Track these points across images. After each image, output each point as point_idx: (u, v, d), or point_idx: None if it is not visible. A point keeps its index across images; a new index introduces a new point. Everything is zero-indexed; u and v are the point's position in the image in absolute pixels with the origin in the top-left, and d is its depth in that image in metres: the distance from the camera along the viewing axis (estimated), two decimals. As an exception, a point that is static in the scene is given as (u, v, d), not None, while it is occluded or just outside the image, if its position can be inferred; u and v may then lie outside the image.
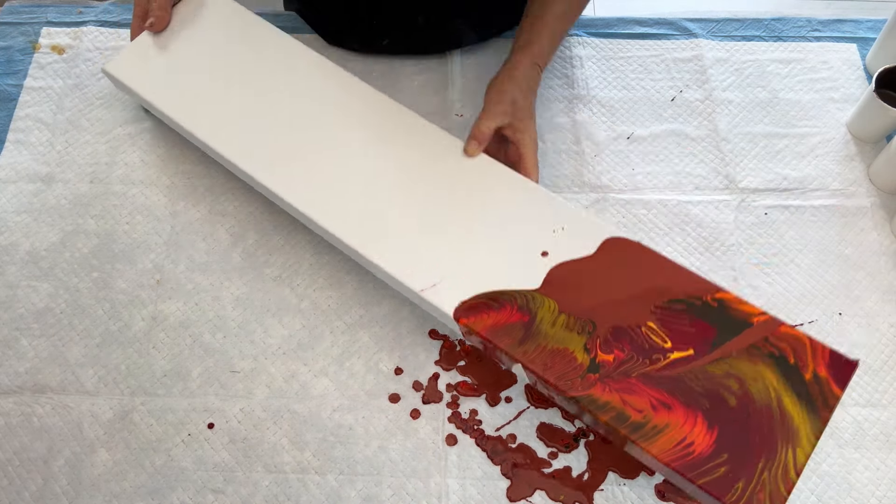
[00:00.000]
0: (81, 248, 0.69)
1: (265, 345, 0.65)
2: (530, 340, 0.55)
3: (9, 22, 0.83)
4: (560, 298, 0.57)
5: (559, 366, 0.54)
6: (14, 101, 0.77)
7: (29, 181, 0.73)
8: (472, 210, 0.62)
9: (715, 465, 0.49)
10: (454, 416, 0.62)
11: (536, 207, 0.62)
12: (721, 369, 0.52)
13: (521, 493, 0.58)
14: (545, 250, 0.59)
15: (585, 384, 0.53)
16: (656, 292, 0.56)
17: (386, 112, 0.68)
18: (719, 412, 0.51)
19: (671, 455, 0.50)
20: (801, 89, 0.80)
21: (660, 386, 0.52)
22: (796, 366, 0.52)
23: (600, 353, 0.54)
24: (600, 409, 0.52)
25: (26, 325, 0.65)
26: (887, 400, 0.63)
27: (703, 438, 0.50)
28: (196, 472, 0.59)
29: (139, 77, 0.70)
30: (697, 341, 0.54)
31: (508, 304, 0.57)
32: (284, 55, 0.72)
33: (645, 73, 0.81)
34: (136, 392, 0.62)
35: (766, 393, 0.51)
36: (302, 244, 0.70)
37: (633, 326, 0.55)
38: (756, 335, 0.54)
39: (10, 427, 0.61)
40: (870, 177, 0.74)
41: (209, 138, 0.67)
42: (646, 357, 0.54)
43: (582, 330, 0.55)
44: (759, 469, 0.49)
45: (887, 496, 0.59)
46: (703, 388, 0.52)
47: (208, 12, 0.74)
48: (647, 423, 0.51)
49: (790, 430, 0.50)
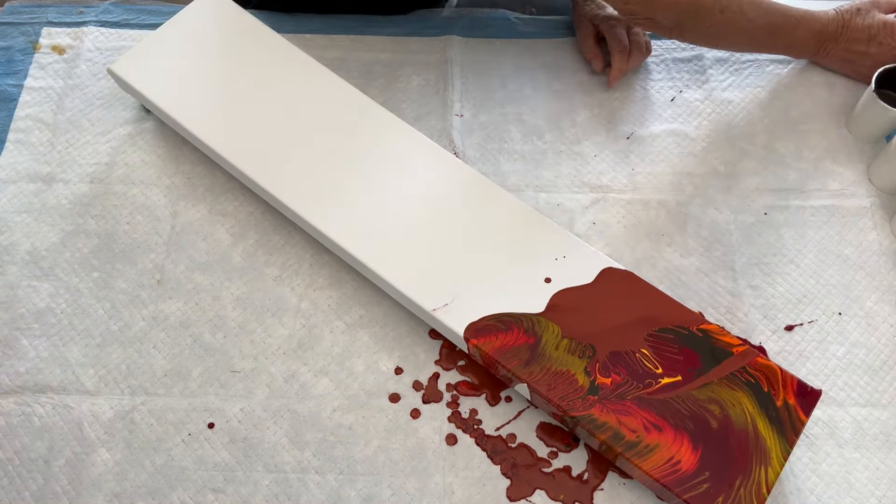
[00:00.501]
0: (82, 248, 0.69)
1: (265, 345, 0.65)
2: (535, 362, 0.59)
3: (9, 22, 0.83)
4: (562, 323, 0.60)
5: (562, 387, 0.58)
6: (14, 102, 0.77)
7: (29, 181, 0.73)
8: (480, 234, 0.65)
9: (699, 481, 0.54)
10: (454, 415, 0.62)
11: (541, 235, 0.65)
12: (705, 395, 0.57)
13: (521, 492, 0.58)
14: (548, 276, 0.62)
15: (585, 405, 0.57)
16: (648, 321, 0.61)
17: (392, 128, 0.70)
18: (703, 433, 0.56)
19: (661, 472, 0.54)
20: (801, 89, 0.80)
21: (651, 408, 0.57)
22: (769, 393, 0.57)
23: (599, 377, 0.58)
24: (598, 429, 0.56)
25: (27, 325, 0.65)
26: (887, 400, 0.63)
27: (688, 457, 0.55)
28: (196, 472, 0.59)
29: (144, 78, 0.71)
30: (684, 368, 0.58)
31: (515, 326, 0.60)
32: (289, 61, 0.72)
33: (645, 73, 0.81)
34: (137, 392, 0.62)
35: (743, 417, 0.56)
36: (302, 244, 0.70)
37: (629, 352, 0.59)
38: (735, 364, 0.58)
39: (11, 427, 0.61)
40: (869, 177, 0.74)
41: (214, 142, 0.68)
42: (639, 381, 0.58)
43: (583, 354, 0.59)
44: (736, 486, 0.54)
45: (887, 496, 0.59)
46: (689, 411, 0.57)
47: (214, 16, 0.74)
48: (640, 443, 0.55)
49: (763, 452, 0.55)
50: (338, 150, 0.68)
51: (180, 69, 0.71)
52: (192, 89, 0.71)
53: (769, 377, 0.58)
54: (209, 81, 0.71)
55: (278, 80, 0.71)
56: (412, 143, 0.69)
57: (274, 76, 0.71)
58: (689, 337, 0.60)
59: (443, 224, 0.65)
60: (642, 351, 0.59)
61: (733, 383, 0.58)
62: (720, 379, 0.58)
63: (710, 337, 0.60)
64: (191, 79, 0.71)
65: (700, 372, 0.58)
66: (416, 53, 0.82)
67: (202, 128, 0.69)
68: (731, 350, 0.59)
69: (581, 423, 0.56)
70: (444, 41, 0.83)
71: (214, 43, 0.73)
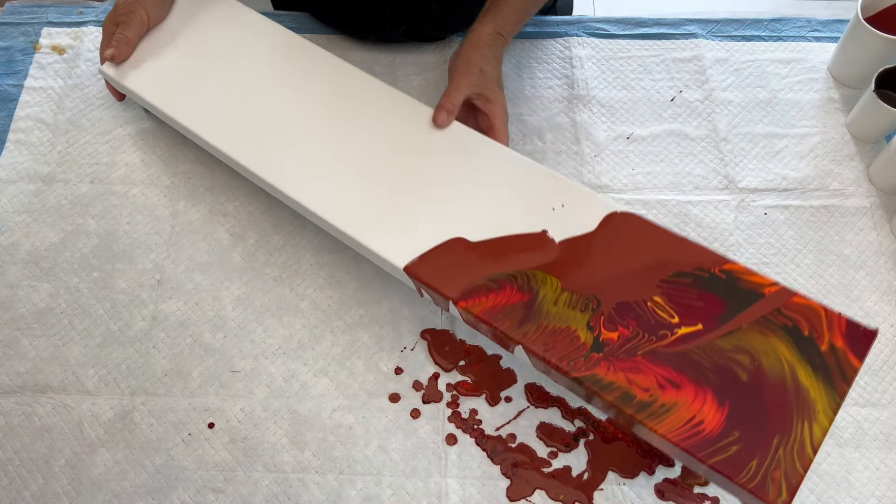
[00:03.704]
0: (82, 248, 0.69)
1: (265, 345, 0.65)
2: (531, 321, 0.53)
3: (9, 22, 0.83)
4: (562, 275, 0.55)
5: (561, 345, 0.52)
6: (14, 102, 0.77)
7: (29, 181, 0.73)
8: (471, 191, 0.61)
9: (726, 443, 0.47)
10: (454, 415, 0.62)
11: (535, 184, 0.60)
12: (731, 343, 0.50)
13: (520, 492, 0.58)
14: (545, 228, 0.58)
15: (589, 364, 0.51)
16: (661, 266, 0.54)
17: (383, 97, 0.67)
18: (730, 388, 0.49)
19: (680, 434, 0.47)
20: (801, 89, 0.80)
21: (667, 363, 0.50)
22: (811, 337, 0.50)
23: (604, 331, 0.52)
24: (604, 390, 0.50)
25: (27, 325, 0.65)
26: (887, 400, 0.63)
27: (713, 416, 0.48)
28: (196, 472, 0.59)
29: (134, 75, 0.70)
30: (705, 315, 0.51)
31: (508, 284, 0.55)
32: (276, 45, 0.71)
33: (645, 73, 0.81)
34: (137, 392, 0.62)
35: (779, 366, 0.49)
36: (302, 244, 0.70)
37: (639, 302, 0.53)
38: (767, 306, 0.51)
39: (11, 427, 0.61)
40: (869, 177, 0.74)
41: (208, 135, 0.66)
42: (652, 333, 0.51)
43: (585, 307, 0.53)
44: (773, 446, 0.46)
45: (887, 496, 0.59)
46: (713, 363, 0.50)
47: (203, 7, 0.74)
48: (653, 402, 0.49)
49: (806, 405, 0.48)
50: (314, 115, 0.66)
51: (168, 61, 0.70)
52: (179, 79, 0.69)
53: (810, 319, 0.51)
54: (195, 69, 0.70)
55: (265, 60, 0.70)
56: (395, 101, 0.66)
57: (260, 57, 0.70)
58: (711, 280, 0.53)
59: (433, 185, 0.61)
60: (654, 299, 0.53)
61: (766, 329, 0.51)
62: (749, 324, 0.51)
63: (736, 278, 0.53)
64: (177, 69, 0.70)
65: (724, 318, 0.51)
66: (416, 53, 0.82)
67: (193, 119, 0.67)
68: (761, 291, 0.52)
69: (585, 385, 0.50)
70: (444, 41, 0.83)
71: (201, 32, 0.72)
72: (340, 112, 0.66)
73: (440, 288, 0.56)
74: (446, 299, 0.56)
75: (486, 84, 0.66)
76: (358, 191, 0.62)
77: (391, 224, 0.60)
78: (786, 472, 0.46)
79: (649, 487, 0.59)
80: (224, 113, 0.67)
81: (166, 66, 0.70)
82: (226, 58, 0.70)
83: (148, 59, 0.71)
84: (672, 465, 0.59)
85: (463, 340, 0.65)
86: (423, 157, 0.63)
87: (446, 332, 0.65)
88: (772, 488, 0.45)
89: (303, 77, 0.69)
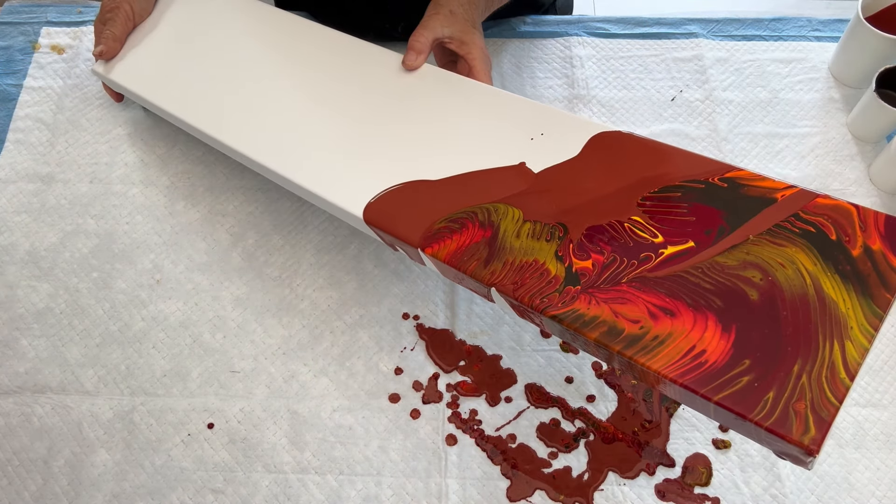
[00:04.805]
0: (81, 248, 0.69)
1: (265, 345, 0.65)
2: (496, 258, 0.48)
3: (9, 22, 0.83)
4: (526, 205, 0.50)
5: (530, 281, 0.46)
6: (14, 101, 0.77)
7: (29, 181, 0.73)
8: (443, 130, 0.57)
9: (734, 374, 0.40)
10: (454, 416, 0.62)
11: (513, 116, 0.56)
12: (736, 259, 0.44)
13: (520, 493, 0.58)
14: (523, 160, 0.53)
15: (565, 299, 0.45)
16: (646, 183, 0.48)
17: (356, 50, 0.66)
18: (737, 311, 0.42)
19: (678, 369, 0.41)
20: (801, 89, 0.80)
21: (659, 289, 0.44)
22: (839, 241, 0.43)
23: (575, 260, 0.46)
24: (586, 326, 0.43)
25: (26, 325, 0.65)
26: (887, 400, 0.63)
27: (717, 345, 0.41)
28: (196, 472, 0.59)
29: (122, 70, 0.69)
30: (698, 231, 0.46)
31: (469, 221, 0.50)
32: (254, 19, 0.70)
33: (645, 72, 0.81)
34: (136, 392, 0.62)
35: (798, 279, 0.42)
36: (302, 244, 0.70)
37: (615, 223, 0.47)
38: (782, 212, 0.45)
39: (10, 427, 0.61)
40: (870, 177, 0.74)
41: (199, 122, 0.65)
42: (633, 257, 0.46)
43: (551, 236, 0.48)
44: (794, 373, 0.39)
45: (887, 496, 0.59)
46: (714, 284, 0.43)
47: None
48: (645, 335, 0.42)
49: (835, 321, 0.40)
50: (287, 76, 0.64)
51: (155, 53, 0.70)
52: (165, 67, 0.69)
53: (838, 220, 0.44)
54: (180, 55, 0.69)
55: (256, 38, 0.69)
56: (368, 52, 0.65)
57: (250, 36, 0.69)
58: (707, 191, 0.47)
59: (394, 124, 0.58)
60: (633, 219, 0.47)
61: (780, 238, 0.44)
62: (758, 235, 0.45)
63: (740, 185, 0.46)
64: (162, 57, 0.69)
65: (724, 231, 0.45)
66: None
67: (182, 106, 0.66)
68: (772, 196, 0.46)
69: (565, 323, 0.44)
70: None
71: (187, 21, 0.72)
72: (312, 68, 0.65)
73: (401, 233, 0.51)
74: (413, 247, 0.51)
75: (459, 25, 0.64)
76: (324, 142, 0.59)
77: (353, 173, 0.56)
78: (812, 402, 0.38)
79: (649, 487, 0.59)
80: (203, 92, 0.66)
81: (153, 58, 0.70)
82: (208, 42, 0.70)
83: (136, 54, 0.70)
84: (672, 466, 0.59)
85: (463, 340, 0.65)
86: (394, 101, 0.61)
87: (446, 331, 0.65)
88: (796, 424, 0.38)
89: (279, 43, 0.68)
